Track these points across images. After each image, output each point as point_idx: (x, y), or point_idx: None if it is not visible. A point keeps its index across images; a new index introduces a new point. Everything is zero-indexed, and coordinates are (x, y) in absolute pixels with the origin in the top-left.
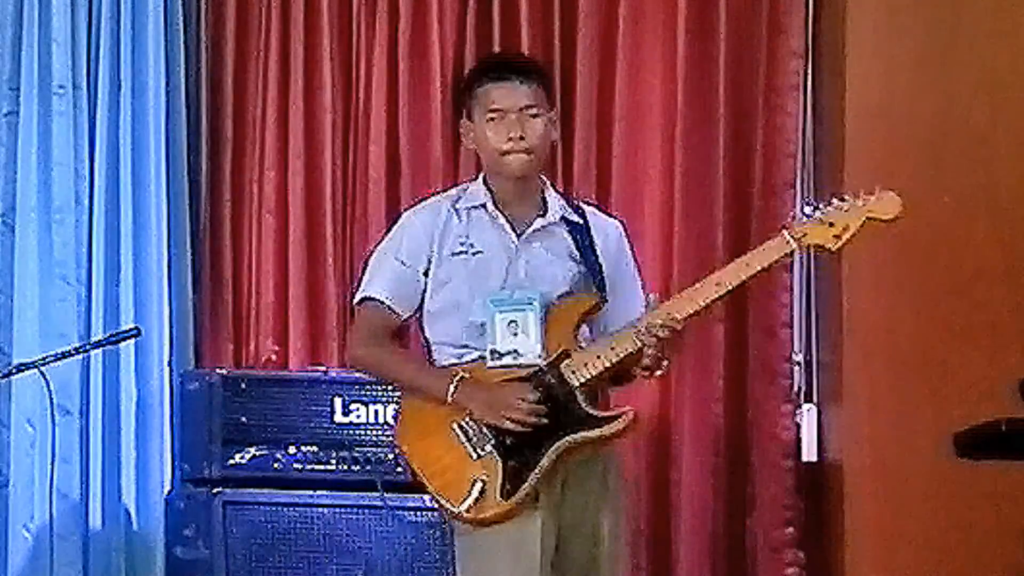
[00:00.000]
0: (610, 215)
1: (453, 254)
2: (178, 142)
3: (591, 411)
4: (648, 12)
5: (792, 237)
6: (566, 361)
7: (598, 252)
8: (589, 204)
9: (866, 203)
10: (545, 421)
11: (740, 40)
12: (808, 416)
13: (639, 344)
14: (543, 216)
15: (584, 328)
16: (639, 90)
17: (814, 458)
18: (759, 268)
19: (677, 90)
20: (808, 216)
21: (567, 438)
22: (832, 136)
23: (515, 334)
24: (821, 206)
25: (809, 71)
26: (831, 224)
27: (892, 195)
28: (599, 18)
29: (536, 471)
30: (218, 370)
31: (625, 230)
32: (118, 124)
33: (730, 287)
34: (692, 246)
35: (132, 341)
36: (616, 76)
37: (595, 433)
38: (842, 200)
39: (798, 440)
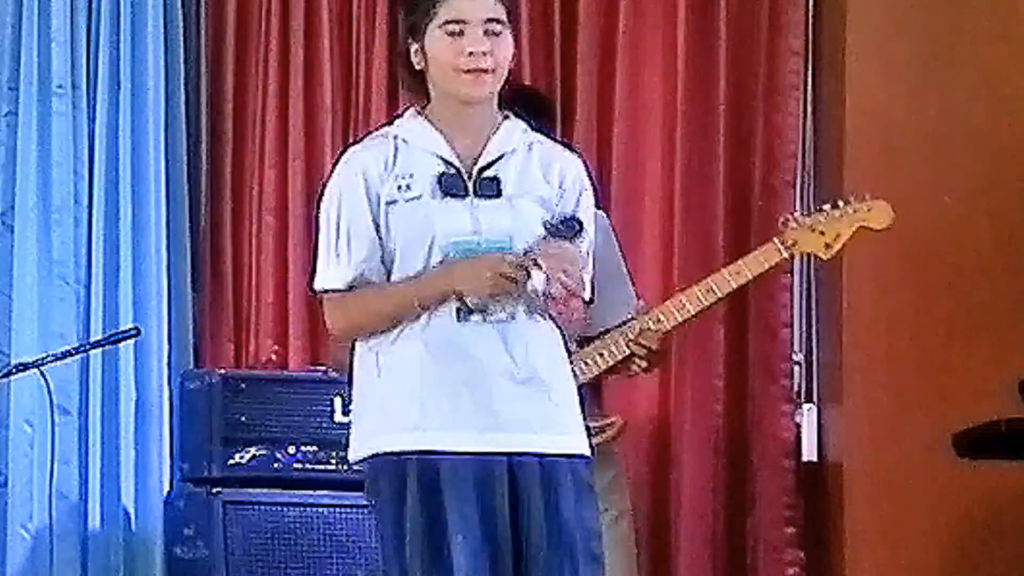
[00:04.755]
0: (598, 206)
1: None
2: (178, 142)
3: None
4: (648, 12)
5: (783, 245)
6: None
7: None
8: None
9: (858, 211)
10: None
11: (740, 40)
12: (808, 416)
13: (628, 351)
14: None
15: None
16: (639, 90)
17: (814, 458)
18: (751, 276)
19: (677, 90)
20: (799, 223)
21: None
22: (832, 136)
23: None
24: (813, 212)
25: (809, 71)
26: (822, 232)
27: (884, 204)
28: (599, 18)
29: None
30: (218, 370)
31: (610, 222)
32: (117, 124)
33: (721, 294)
34: (692, 246)
35: (131, 341)
36: (616, 76)
37: None
38: (835, 207)
39: (798, 440)
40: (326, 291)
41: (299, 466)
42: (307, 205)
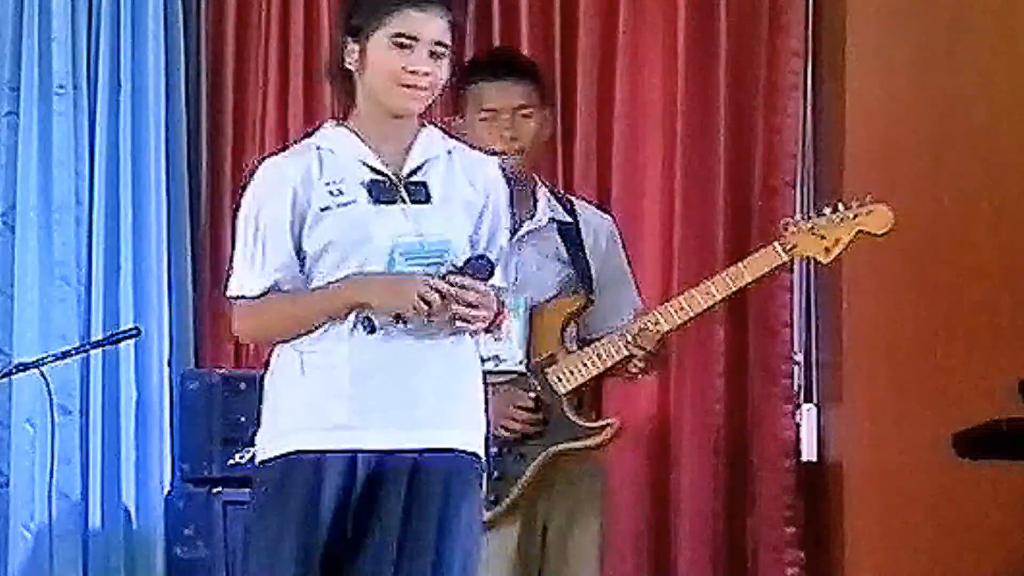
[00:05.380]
0: (605, 210)
1: None
2: (178, 142)
3: (577, 420)
4: (648, 11)
5: (783, 249)
6: (552, 367)
7: (587, 251)
8: (581, 199)
9: (858, 215)
10: (538, 429)
11: (740, 40)
12: (808, 416)
13: (627, 353)
14: (531, 219)
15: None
16: (639, 90)
17: (814, 458)
18: (751, 279)
19: (677, 90)
20: (798, 226)
21: (552, 449)
22: (832, 136)
23: (497, 339)
24: (813, 215)
25: (809, 71)
26: (822, 236)
27: (884, 209)
28: (599, 17)
29: (520, 483)
30: (218, 370)
31: (617, 227)
32: (118, 124)
33: (720, 297)
34: (692, 246)
35: (132, 341)
36: (616, 76)
37: (580, 444)
38: (835, 210)
39: (798, 440)
40: (240, 297)
41: None
42: None
